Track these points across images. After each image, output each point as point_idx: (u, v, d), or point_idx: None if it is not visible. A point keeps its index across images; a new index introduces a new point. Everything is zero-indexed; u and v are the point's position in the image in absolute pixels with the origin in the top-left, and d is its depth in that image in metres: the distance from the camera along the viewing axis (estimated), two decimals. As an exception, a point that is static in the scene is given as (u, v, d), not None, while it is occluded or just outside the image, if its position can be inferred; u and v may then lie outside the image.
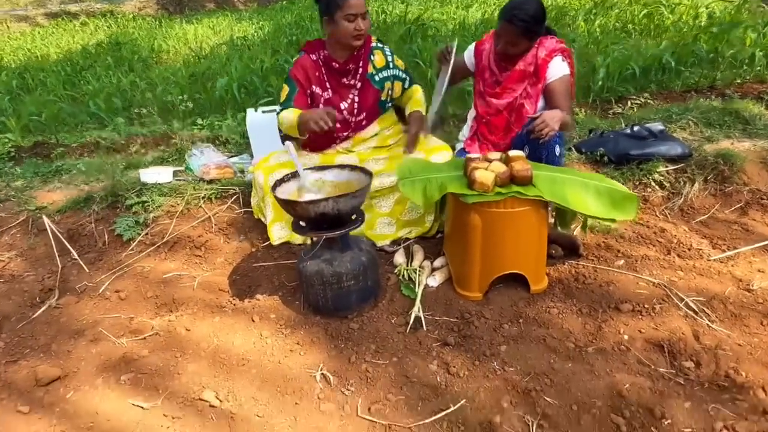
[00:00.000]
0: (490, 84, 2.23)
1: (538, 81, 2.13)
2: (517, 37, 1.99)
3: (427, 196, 1.82)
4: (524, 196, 1.73)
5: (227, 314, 1.95)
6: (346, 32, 2.06)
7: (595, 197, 1.79)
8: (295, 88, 2.15)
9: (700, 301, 1.82)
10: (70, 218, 2.54)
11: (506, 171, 1.75)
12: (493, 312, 1.85)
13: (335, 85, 2.21)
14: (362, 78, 2.24)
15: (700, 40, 4.09)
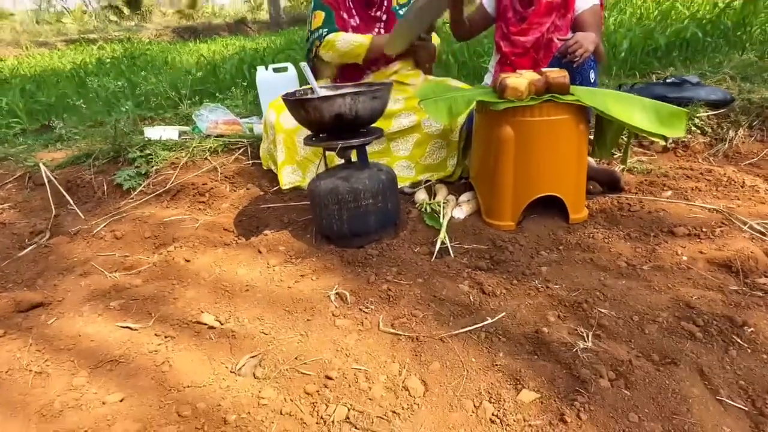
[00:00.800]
0: (515, 23, 2.08)
1: (567, 12, 1.98)
2: None
3: (453, 113, 1.64)
4: (561, 101, 1.55)
5: (232, 248, 1.76)
6: None
7: (641, 111, 1.61)
8: (331, 11, 2.04)
9: (766, 224, 1.60)
10: (70, 172, 2.40)
11: (541, 78, 1.58)
12: (529, 239, 1.64)
13: (362, 15, 2.12)
14: (387, 11, 2.15)
15: (725, 17, 3.96)
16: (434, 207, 1.84)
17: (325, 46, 2.00)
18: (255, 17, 21.81)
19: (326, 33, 1.99)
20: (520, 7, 1.99)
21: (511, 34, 2.01)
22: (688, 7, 5.48)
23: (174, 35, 15.25)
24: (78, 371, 1.21)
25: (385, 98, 1.56)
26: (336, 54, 1.99)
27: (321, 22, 2.03)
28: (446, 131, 2.12)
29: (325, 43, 1.99)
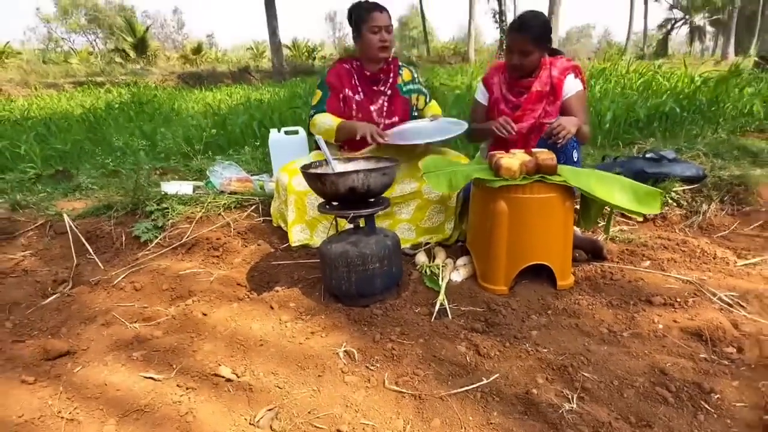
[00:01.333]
0: (509, 111, 2.27)
1: (555, 99, 2.21)
2: (529, 45, 2.08)
3: (453, 186, 1.83)
4: (550, 181, 1.75)
5: (245, 302, 1.89)
6: (372, 43, 2.22)
7: (620, 191, 1.81)
8: (328, 92, 2.30)
9: (733, 296, 1.77)
10: (90, 222, 2.54)
11: (532, 160, 1.79)
12: (520, 303, 1.80)
13: (366, 90, 2.35)
14: (392, 87, 2.39)
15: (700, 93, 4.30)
16: (434, 270, 1.99)
17: (311, 126, 2.30)
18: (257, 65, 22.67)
19: (313, 113, 2.30)
20: (512, 97, 2.22)
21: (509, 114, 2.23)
22: (668, 79, 5.89)
23: (179, 81, 15.82)
24: (107, 419, 1.32)
25: (393, 175, 1.75)
26: (318, 133, 2.25)
27: (316, 101, 2.32)
28: (444, 197, 2.31)
29: (311, 123, 2.30)
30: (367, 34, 2.23)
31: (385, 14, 2.23)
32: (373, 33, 2.22)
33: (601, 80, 6.24)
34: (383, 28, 2.22)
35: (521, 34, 2.10)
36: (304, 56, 26.89)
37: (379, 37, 2.22)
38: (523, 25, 2.10)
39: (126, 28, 25.80)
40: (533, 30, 2.09)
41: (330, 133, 2.23)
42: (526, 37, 2.09)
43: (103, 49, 34.68)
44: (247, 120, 4.40)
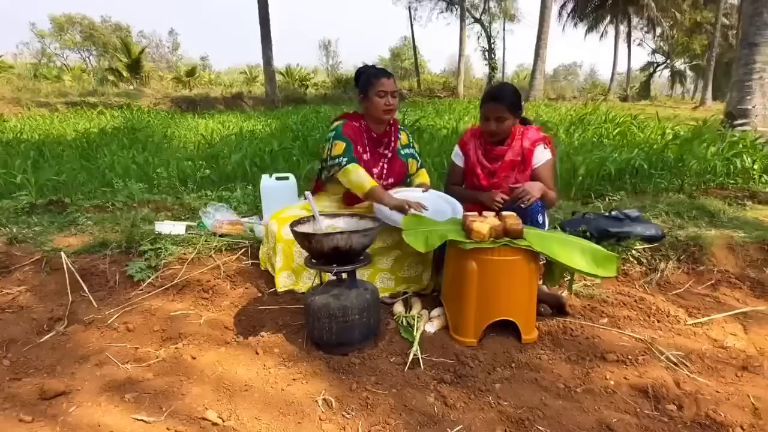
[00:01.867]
0: (485, 177, 2.48)
1: (526, 168, 2.41)
2: (504, 112, 2.32)
3: (429, 244, 2.01)
4: (516, 245, 1.94)
5: (232, 347, 2.02)
6: (378, 106, 2.42)
7: (581, 254, 2.00)
8: (351, 143, 2.40)
9: (679, 355, 1.95)
10: (84, 259, 2.66)
11: (500, 224, 1.98)
12: (487, 356, 1.95)
13: (372, 151, 2.52)
14: (393, 150, 2.57)
15: (668, 150, 4.60)
16: (409, 320, 2.15)
17: (344, 173, 2.34)
18: (250, 90, 23.03)
19: (346, 162, 2.33)
20: (487, 163, 2.43)
21: (484, 187, 2.43)
22: (642, 130, 6.23)
23: (172, 104, 16.01)
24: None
25: (374, 236, 1.93)
26: (348, 182, 2.36)
27: (342, 151, 2.36)
28: (423, 250, 2.48)
29: (345, 170, 2.33)
30: (374, 97, 2.41)
31: (392, 80, 2.43)
32: (380, 97, 2.40)
33: (580, 129, 6.56)
34: (389, 93, 2.41)
35: (497, 103, 2.33)
36: (297, 83, 27.36)
37: (385, 101, 2.41)
38: (498, 95, 2.35)
39: (121, 49, 26.07)
40: (507, 98, 2.33)
41: (361, 189, 2.31)
42: (502, 105, 2.33)
43: (96, 66, 34.92)
44: (239, 159, 4.57)
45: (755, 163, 4.44)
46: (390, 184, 2.55)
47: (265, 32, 15.56)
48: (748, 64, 6.80)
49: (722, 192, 4.04)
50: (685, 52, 35.39)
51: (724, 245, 2.83)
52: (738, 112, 6.84)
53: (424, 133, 6.47)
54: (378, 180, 2.50)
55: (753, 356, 1.96)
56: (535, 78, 17.87)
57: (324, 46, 58.25)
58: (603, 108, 10.52)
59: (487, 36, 28.01)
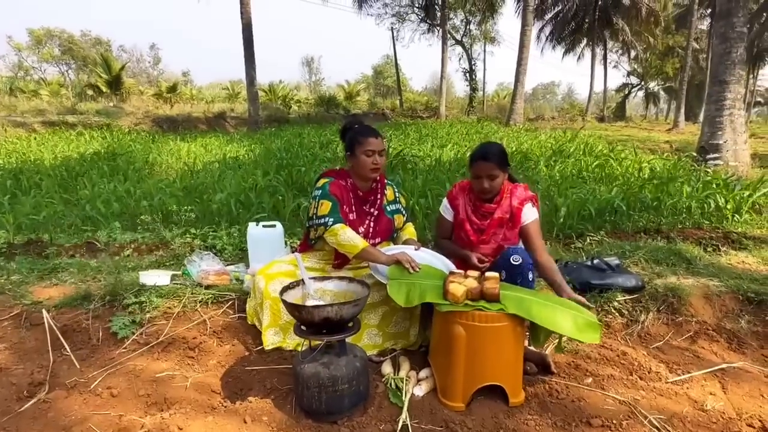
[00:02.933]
0: (473, 233, 2.52)
1: (514, 226, 2.46)
2: (495, 170, 2.37)
3: (409, 300, 2.07)
4: (487, 310, 1.98)
5: (219, 414, 2.00)
6: (365, 165, 2.44)
7: (562, 317, 2.04)
8: (338, 203, 2.40)
9: (661, 419, 2.00)
10: (66, 314, 2.61)
11: (477, 287, 2.03)
12: (475, 422, 1.97)
13: (358, 210, 2.53)
14: (379, 207, 2.59)
15: (645, 190, 4.74)
16: (398, 383, 2.16)
17: (331, 233, 2.32)
18: (232, 107, 22.93)
19: (333, 222, 2.33)
20: (476, 219, 2.48)
21: (473, 243, 2.47)
22: (620, 164, 6.40)
23: (153, 124, 15.84)
24: None
25: (363, 304, 1.95)
26: (336, 243, 2.34)
27: (328, 210, 2.36)
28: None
29: (332, 230, 2.31)
30: (361, 156, 2.43)
31: (380, 140, 2.46)
32: (367, 156, 2.42)
33: (561, 160, 6.71)
34: (377, 152, 2.44)
35: (488, 162, 2.38)
36: (280, 101, 27.39)
37: (372, 160, 2.43)
38: (487, 153, 2.39)
39: (102, 65, 25.75)
40: (496, 157, 2.38)
41: (353, 249, 2.30)
42: (492, 164, 2.37)
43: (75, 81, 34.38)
44: (224, 198, 4.55)
45: (728, 203, 4.60)
46: (376, 243, 2.57)
47: (248, 53, 15.59)
48: (718, 101, 7.08)
49: (698, 233, 4.16)
50: (659, 74, 36.57)
51: (701, 295, 2.91)
52: (710, 146, 7.10)
53: (408, 164, 6.53)
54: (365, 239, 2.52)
55: (732, 420, 2.01)
56: (516, 102, 18.21)
57: (307, 63, 58.56)
58: (582, 135, 10.77)
59: (468, 57, 28.54)
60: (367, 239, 2.52)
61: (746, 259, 3.55)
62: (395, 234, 2.71)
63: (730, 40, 6.91)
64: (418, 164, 6.85)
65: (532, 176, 5.70)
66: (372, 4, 25.92)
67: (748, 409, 2.09)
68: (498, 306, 1.99)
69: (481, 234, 2.48)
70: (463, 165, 6.91)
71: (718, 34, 7.22)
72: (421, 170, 6.28)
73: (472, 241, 2.50)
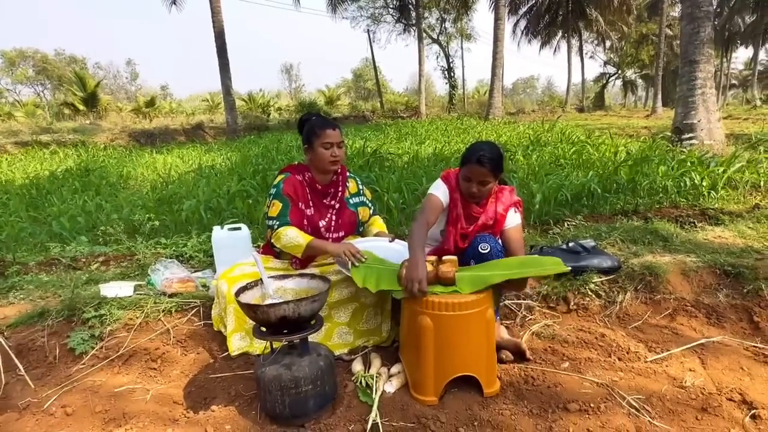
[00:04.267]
0: (459, 238, 2.36)
1: (494, 231, 2.33)
2: (487, 176, 2.18)
3: (365, 281, 2.05)
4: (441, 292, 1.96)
5: (180, 426, 1.89)
6: (323, 158, 2.36)
7: (520, 267, 2.03)
8: (289, 204, 2.35)
9: (640, 399, 1.94)
10: (21, 332, 2.48)
11: (432, 271, 1.99)
12: (449, 416, 1.89)
13: (317, 204, 2.45)
14: (340, 200, 2.50)
15: (620, 172, 4.71)
16: (368, 380, 2.07)
17: (275, 237, 2.31)
18: (212, 118, 22.70)
19: (278, 225, 2.30)
20: (464, 222, 2.33)
21: (458, 247, 2.33)
22: (597, 149, 6.39)
23: (130, 139, 15.59)
24: None
25: (323, 300, 1.86)
26: (282, 246, 2.30)
27: (277, 213, 2.32)
28: (380, 301, 2.42)
29: (276, 234, 2.30)
30: (319, 149, 2.36)
31: (337, 131, 2.38)
32: (325, 149, 2.35)
33: (538, 149, 6.69)
34: (335, 144, 2.36)
35: (482, 167, 2.16)
36: (259, 109, 27.19)
37: (331, 152, 2.36)
38: (483, 158, 2.15)
39: (76, 83, 25.39)
40: (493, 163, 2.17)
41: (298, 249, 2.27)
42: (486, 170, 2.17)
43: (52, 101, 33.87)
44: (194, 205, 4.43)
45: (703, 180, 4.59)
46: (340, 237, 2.49)
47: (223, 62, 15.45)
48: (690, 81, 7.11)
49: (675, 211, 4.14)
50: (635, 62, 36.99)
51: (679, 272, 2.87)
52: (684, 126, 7.12)
53: (385, 161, 6.46)
54: (326, 233, 2.44)
55: (712, 395, 1.96)
56: (493, 96, 18.26)
57: (286, 70, 58.33)
58: (559, 125, 10.79)
59: (446, 55, 28.59)
60: (329, 233, 2.44)
61: (723, 233, 3.53)
62: (361, 227, 2.63)
63: (697, 19, 6.96)
64: (395, 161, 6.78)
65: (509, 167, 5.66)
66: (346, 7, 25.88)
67: (728, 382, 2.04)
68: (452, 288, 1.95)
69: (464, 240, 2.36)
70: (441, 160, 6.85)
71: (686, 15, 7.27)
72: (398, 167, 6.21)
73: (458, 244, 2.37)
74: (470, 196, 2.27)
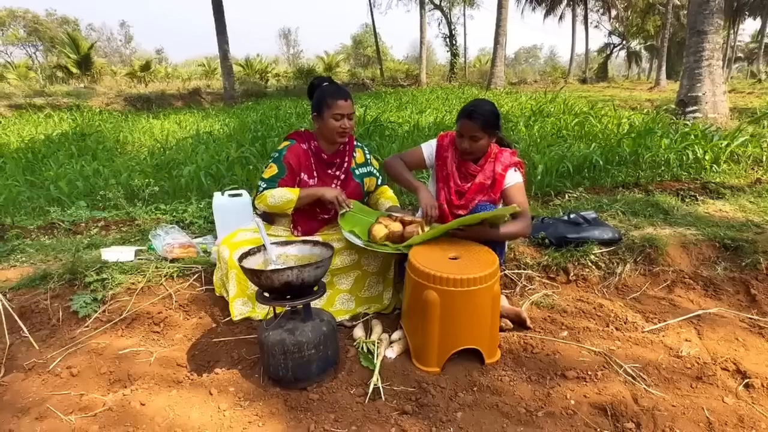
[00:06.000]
0: (455, 193, 2.39)
1: (494, 192, 2.32)
2: (477, 131, 2.20)
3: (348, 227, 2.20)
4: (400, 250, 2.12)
5: (185, 388, 1.93)
6: (332, 129, 2.32)
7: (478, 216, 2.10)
8: (285, 171, 2.32)
9: (636, 367, 1.97)
10: (24, 295, 2.49)
11: (399, 231, 2.14)
12: (449, 381, 1.93)
13: (321, 174, 2.42)
14: (346, 171, 2.47)
15: (623, 144, 4.68)
16: (369, 346, 2.10)
17: (260, 199, 2.30)
18: (209, 84, 22.34)
19: (264, 188, 2.30)
20: (459, 180, 2.35)
21: (453, 205, 2.36)
22: (599, 120, 6.32)
23: (126, 103, 15.35)
24: None
25: (327, 266, 1.86)
26: (267, 207, 2.30)
27: (269, 176, 2.32)
28: (382, 269, 2.43)
29: (260, 197, 2.30)
30: (329, 119, 2.30)
31: (349, 102, 2.31)
32: (335, 120, 2.30)
33: (540, 120, 6.61)
34: (346, 116, 2.31)
35: (471, 121, 2.19)
36: (257, 75, 26.73)
37: (341, 123, 2.30)
38: (473, 113, 2.19)
39: (69, 44, 24.80)
40: (482, 118, 2.19)
41: (290, 204, 2.26)
42: (476, 124, 2.19)
43: (44, 63, 33.16)
44: (193, 171, 4.40)
45: (706, 153, 4.57)
46: None
47: (220, 25, 15.07)
48: (697, 52, 6.98)
49: (676, 185, 4.13)
50: (640, 33, 36.25)
51: (678, 244, 2.88)
52: (689, 99, 7.03)
53: (385, 130, 6.39)
54: (330, 204, 2.42)
55: (707, 364, 1.99)
56: (496, 65, 17.96)
57: (284, 35, 57.08)
58: (562, 96, 10.66)
59: (448, 22, 27.96)
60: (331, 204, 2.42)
61: (723, 207, 3.53)
62: (367, 197, 2.61)
63: (708, -11, 6.78)
64: (396, 130, 6.71)
65: (511, 137, 5.61)
66: (347, -30, 25.10)
67: (723, 353, 2.08)
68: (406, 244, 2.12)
69: (460, 197, 2.36)
70: (442, 129, 6.78)
71: (696, -16, 7.07)
72: (399, 136, 6.15)
73: (454, 202, 2.38)
74: (463, 152, 2.30)
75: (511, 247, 2.87)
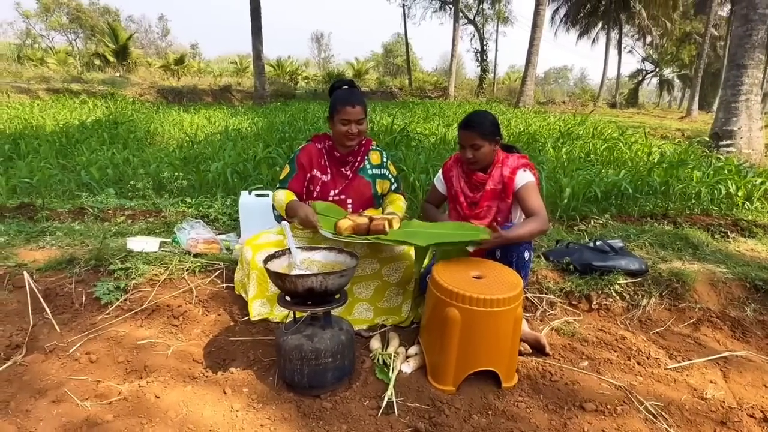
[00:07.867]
0: (467, 206, 2.41)
1: (507, 196, 2.32)
2: (477, 140, 2.25)
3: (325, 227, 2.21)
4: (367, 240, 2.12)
5: (199, 384, 1.93)
6: (340, 133, 2.38)
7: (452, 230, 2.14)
8: (295, 170, 2.43)
9: (658, 405, 1.91)
10: (50, 277, 2.54)
11: (365, 224, 2.13)
12: (464, 402, 1.89)
13: (334, 172, 2.48)
14: (354, 171, 2.50)
15: (654, 174, 4.59)
16: (386, 359, 2.08)
17: (273, 197, 2.43)
18: (239, 81, 22.66)
19: (277, 188, 2.45)
20: (469, 192, 2.37)
21: (468, 217, 2.36)
22: (629, 147, 6.23)
23: (158, 95, 15.67)
24: None
25: (350, 275, 1.85)
26: (275, 205, 2.42)
27: (283, 176, 2.46)
28: (403, 281, 2.42)
29: (273, 195, 2.43)
30: (338, 123, 2.37)
31: (357, 108, 2.34)
32: (343, 125, 2.36)
33: (569, 143, 6.54)
34: (353, 122, 2.35)
35: (469, 131, 2.28)
36: (287, 77, 27.03)
37: (348, 129, 2.36)
38: (470, 123, 2.29)
39: (109, 34, 25.47)
40: (479, 126, 2.26)
41: (282, 209, 2.36)
42: (474, 133, 2.26)
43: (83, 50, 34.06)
44: (221, 167, 4.45)
45: (739, 189, 4.46)
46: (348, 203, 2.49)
47: (255, 26, 15.31)
48: (735, 86, 6.84)
49: (707, 219, 4.03)
50: (674, 61, 35.77)
51: (707, 281, 2.81)
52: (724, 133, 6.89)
53: (412, 141, 6.39)
54: (333, 199, 2.45)
55: (732, 409, 1.92)
56: (526, 84, 17.87)
57: (316, 39, 57.71)
58: (591, 119, 10.54)
59: (480, 37, 27.95)
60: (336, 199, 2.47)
61: (755, 246, 3.43)
62: (381, 201, 2.61)
63: (751, 21, 6.65)
64: (422, 141, 6.70)
65: (538, 157, 5.56)
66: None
67: (749, 398, 2.00)
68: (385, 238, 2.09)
69: (474, 207, 2.37)
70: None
71: (739, 16, 6.95)
72: (425, 148, 6.14)
73: (467, 215, 2.39)
74: (468, 162, 2.35)
75: (534, 270, 2.83)
